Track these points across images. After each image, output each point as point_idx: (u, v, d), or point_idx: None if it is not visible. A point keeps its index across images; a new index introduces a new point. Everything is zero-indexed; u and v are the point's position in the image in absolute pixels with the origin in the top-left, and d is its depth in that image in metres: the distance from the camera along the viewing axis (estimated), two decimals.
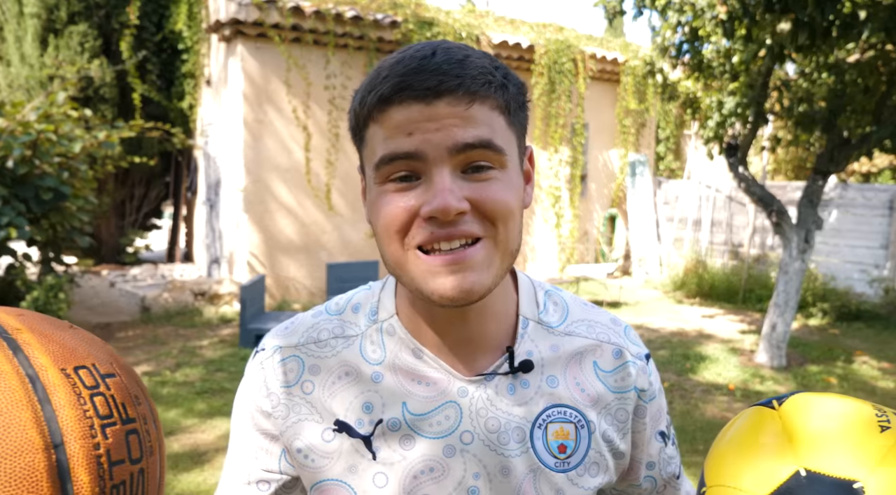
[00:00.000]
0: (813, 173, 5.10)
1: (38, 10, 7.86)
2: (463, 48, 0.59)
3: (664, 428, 0.77)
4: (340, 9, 6.83)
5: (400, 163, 0.57)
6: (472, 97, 0.56)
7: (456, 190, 0.56)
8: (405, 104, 0.56)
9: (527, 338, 0.69)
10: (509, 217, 0.59)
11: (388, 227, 0.59)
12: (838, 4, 3.50)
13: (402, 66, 0.57)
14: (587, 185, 9.37)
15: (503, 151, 0.59)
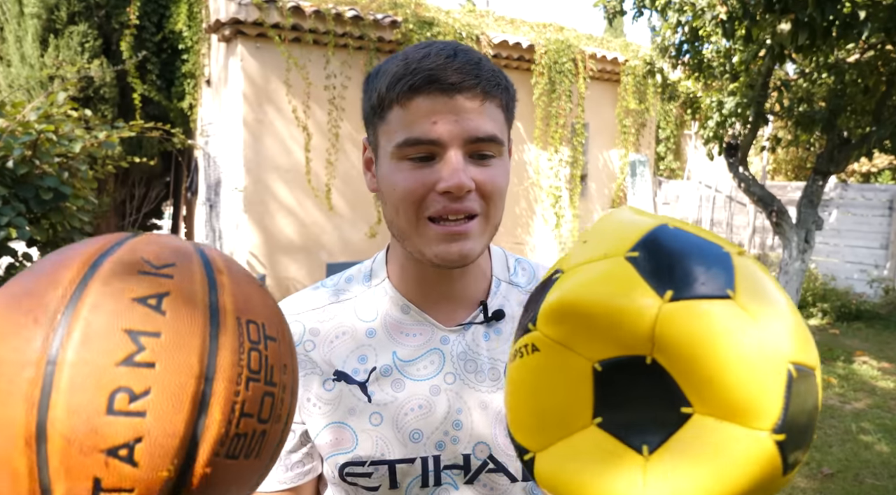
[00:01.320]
0: (813, 173, 5.10)
1: (39, 11, 7.86)
2: (474, 52, 0.70)
3: None
4: (340, 9, 6.83)
5: (422, 146, 0.67)
6: (486, 96, 0.68)
7: (466, 171, 0.67)
8: (431, 95, 0.66)
9: (499, 295, 0.82)
10: (500, 197, 0.71)
11: (405, 198, 0.69)
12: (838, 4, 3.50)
13: (429, 61, 0.66)
14: (587, 185, 9.36)
15: (503, 143, 0.71)
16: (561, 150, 8.72)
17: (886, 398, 4.52)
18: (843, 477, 3.34)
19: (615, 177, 9.64)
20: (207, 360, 0.42)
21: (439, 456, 0.77)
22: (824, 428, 3.97)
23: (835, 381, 4.81)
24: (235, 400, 0.43)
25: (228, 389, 0.42)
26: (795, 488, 3.21)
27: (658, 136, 10.99)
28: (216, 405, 0.42)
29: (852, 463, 3.50)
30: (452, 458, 0.77)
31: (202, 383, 0.41)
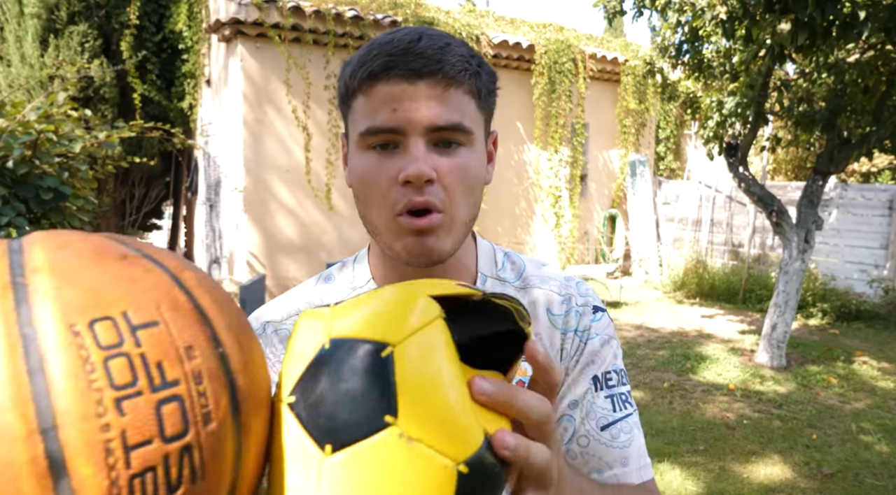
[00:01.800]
0: (813, 173, 5.10)
1: (39, 10, 7.86)
2: (444, 36, 0.66)
3: (599, 374, 0.76)
4: (340, 9, 6.83)
5: (383, 135, 0.65)
6: (450, 82, 0.64)
7: (428, 159, 0.64)
8: (391, 82, 0.63)
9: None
10: (471, 188, 0.68)
11: (370, 190, 0.67)
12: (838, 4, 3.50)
13: (391, 46, 0.64)
14: (587, 185, 9.36)
15: (471, 131, 0.66)
16: (561, 150, 8.72)
17: (886, 398, 4.52)
18: (843, 477, 3.35)
19: (615, 177, 9.64)
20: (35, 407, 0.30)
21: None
22: (824, 428, 3.97)
23: (835, 381, 4.81)
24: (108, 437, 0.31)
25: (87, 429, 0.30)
26: (795, 488, 3.21)
27: (658, 136, 10.99)
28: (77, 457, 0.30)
29: (852, 463, 3.50)
30: None
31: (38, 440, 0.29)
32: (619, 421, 0.75)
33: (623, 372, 0.79)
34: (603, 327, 0.78)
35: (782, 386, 4.75)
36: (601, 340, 0.77)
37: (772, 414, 4.21)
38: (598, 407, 0.75)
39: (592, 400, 0.75)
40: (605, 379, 0.76)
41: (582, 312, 0.78)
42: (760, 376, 4.91)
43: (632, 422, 0.76)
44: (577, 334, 0.77)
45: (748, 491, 3.19)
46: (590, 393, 0.75)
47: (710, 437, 3.80)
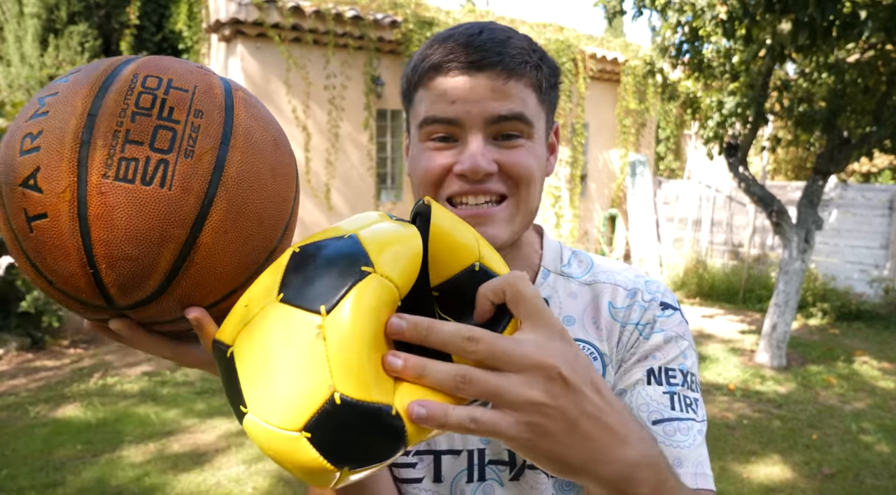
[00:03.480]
0: (813, 173, 5.10)
1: (39, 10, 7.86)
2: (506, 30, 0.66)
3: (656, 368, 0.72)
4: (340, 9, 6.83)
5: (440, 126, 0.65)
6: (510, 74, 0.63)
7: (487, 153, 0.64)
8: (451, 74, 0.63)
9: (546, 286, 0.77)
10: (531, 180, 0.67)
11: (425, 179, 0.67)
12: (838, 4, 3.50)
13: (451, 40, 0.64)
14: (587, 185, 9.37)
15: (532, 124, 0.66)
16: (561, 150, 8.72)
17: (886, 398, 4.52)
18: (843, 477, 3.35)
19: (615, 177, 9.64)
20: (93, 102, 0.48)
21: (484, 449, 0.74)
22: (824, 428, 3.97)
23: (835, 381, 4.81)
24: (118, 130, 0.47)
25: (109, 121, 0.47)
26: (795, 488, 3.21)
27: (658, 136, 10.99)
28: (98, 134, 0.47)
29: (852, 463, 3.50)
30: (497, 453, 0.74)
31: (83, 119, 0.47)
32: (676, 420, 0.69)
33: (693, 377, 0.74)
34: (672, 324, 0.75)
35: (782, 386, 4.75)
36: (666, 336, 0.74)
37: (772, 414, 4.21)
38: (652, 401, 0.70)
39: (645, 393, 0.71)
40: (666, 375, 0.72)
41: (647, 307, 0.75)
42: (760, 376, 4.91)
43: (694, 429, 0.70)
44: (638, 327, 0.74)
45: (748, 491, 3.19)
46: (641, 385, 0.71)
47: (710, 437, 3.80)
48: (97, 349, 5.32)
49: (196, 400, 4.17)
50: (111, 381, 4.52)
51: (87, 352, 5.24)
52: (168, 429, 3.71)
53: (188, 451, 3.44)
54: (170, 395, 4.26)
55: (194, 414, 3.94)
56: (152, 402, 4.13)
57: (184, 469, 3.24)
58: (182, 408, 4.03)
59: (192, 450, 3.45)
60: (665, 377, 0.72)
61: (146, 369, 4.80)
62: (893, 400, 4.50)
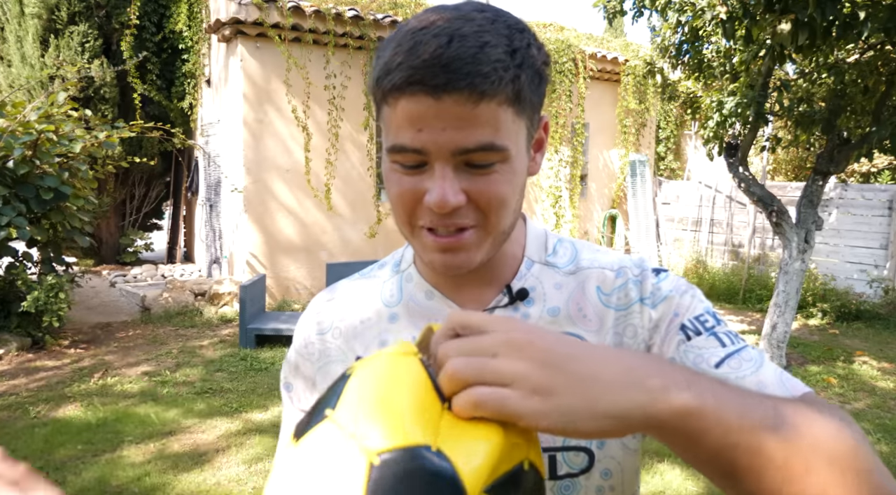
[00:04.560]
0: (813, 173, 5.10)
1: (39, 11, 7.86)
2: (479, 35, 0.58)
3: (687, 321, 0.69)
4: (340, 9, 6.83)
5: (409, 155, 0.61)
6: (480, 96, 0.57)
7: (455, 184, 0.61)
8: (416, 97, 0.58)
9: (529, 276, 0.75)
10: (502, 207, 0.64)
11: (397, 205, 0.65)
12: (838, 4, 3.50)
13: (414, 55, 0.58)
14: (587, 185, 9.37)
15: (505, 148, 0.61)
16: (561, 150, 8.72)
17: (886, 398, 4.52)
18: None
19: (615, 177, 9.64)
20: None
21: None
22: None
23: (835, 381, 4.81)
24: None
25: None
26: None
27: (658, 136, 10.98)
28: None
29: None
30: None
31: None
32: (734, 353, 0.66)
33: (716, 315, 0.71)
34: (672, 282, 0.73)
35: None
36: (677, 291, 0.71)
37: None
38: (702, 350, 0.66)
39: (692, 347, 0.67)
40: (700, 322, 0.69)
41: (641, 279, 0.73)
42: None
43: (753, 352, 0.67)
44: (645, 302, 0.71)
45: None
46: (683, 344, 0.68)
47: None
48: (97, 349, 5.32)
49: (196, 401, 4.17)
50: (111, 381, 4.52)
51: (88, 352, 5.24)
52: (168, 429, 3.71)
53: (188, 451, 3.44)
54: (170, 395, 4.26)
55: (194, 414, 3.94)
56: (152, 402, 4.13)
57: (184, 469, 3.24)
58: (182, 408, 4.03)
59: (192, 450, 3.45)
60: (700, 324, 0.69)
61: (146, 369, 4.80)
62: (893, 400, 4.50)
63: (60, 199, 5.17)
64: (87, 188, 5.64)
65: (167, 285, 7.10)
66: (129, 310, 6.74)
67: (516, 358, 0.44)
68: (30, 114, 5.18)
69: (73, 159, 5.39)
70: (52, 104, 5.41)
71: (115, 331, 5.94)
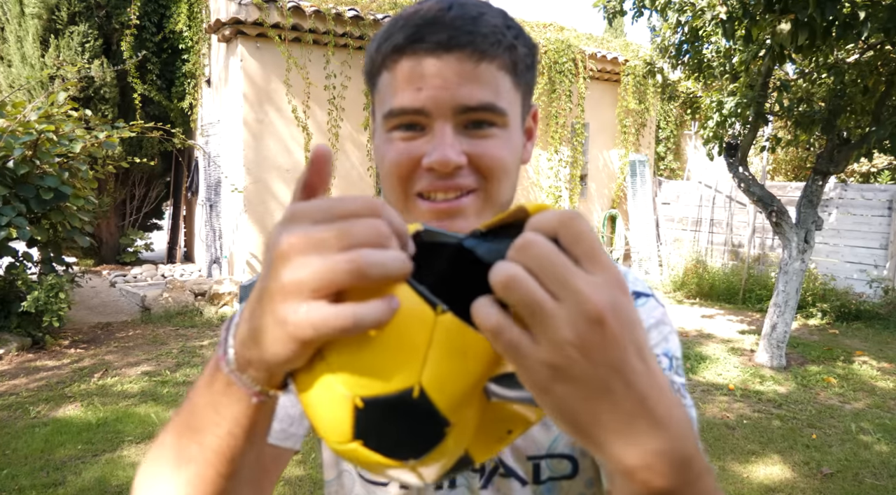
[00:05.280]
0: (813, 173, 5.10)
1: (40, 11, 7.87)
2: (479, 5, 0.60)
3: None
4: (340, 9, 6.83)
5: (406, 116, 0.60)
6: (481, 56, 0.58)
7: (456, 144, 0.59)
8: (417, 56, 0.58)
9: None
10: (503, 173, 0.62)
11: (392, 173, 0.62)
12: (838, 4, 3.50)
13: (418, 16, 0.58)
14: (587, 185, 9.37)
15: (505, 112, 0.60)
16: (561, 150, 8.72)
17: (886, 398, 4.52)
18: (843, 477, 3.35)
19: (615, 177, 9.64)
20: None
21: None
22: (824, 428, 3.97)
23: (835, 381, 4.82)
24: None
25: None
26: (795, 488, 3.21)
27: (658, 136, 10.99)
28: None
29: (852, 463, 3.51)
30: None
31: None
32: None
33: (678, 361, 0.69)
34: (648, 311, 0.70)
35: (782, 386, 4.75)
36: (646, 321, 0.69)
37: (772, 414, 4.21)
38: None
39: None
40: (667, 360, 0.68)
41: None
42: (760, 376, 4.91)
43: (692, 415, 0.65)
44: None
45: (748, 491, 3.19)
46: None
47: (710, 437, 3.80)
48: (97, 349, 5.32)
49: None
50: (111, 381, 4.52)
51: (88, 352, 5.24)
52: None
53: None
54: (170, 395, 4.26)
55: None
56: (152, 402, 4.14)
57: None
58: None
59: None
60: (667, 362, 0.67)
61: (146, 369, 4.80)
62: (893, 400, 4.51)
63: (60, 199, 5.17)
64: (87, 188, 5.64)
65: (167, 285, 7.10)
66: (129, 310, 6.74)
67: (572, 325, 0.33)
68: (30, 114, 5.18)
69: (73, 159, 5.39)
70: (52, 104, 5.41)
71: (115, 331, 5.94)
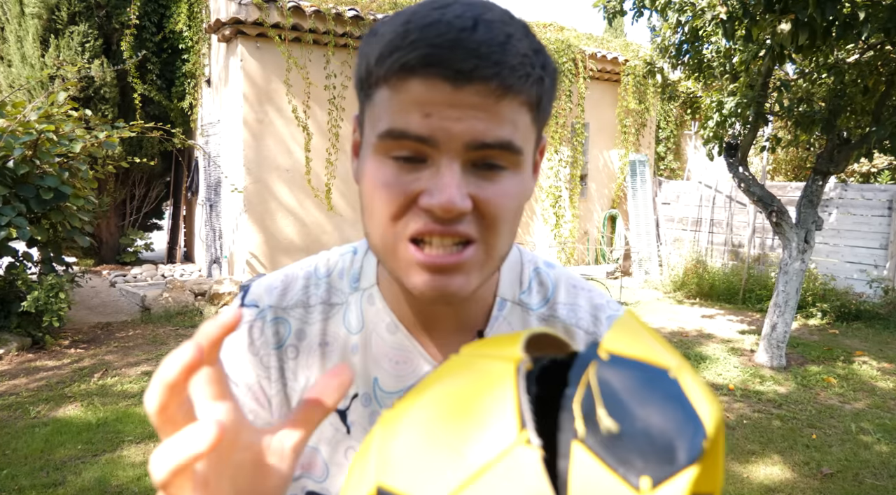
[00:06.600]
0: (813, 173, 5.10)
1: (40, 11, 7.87)
2: (504, 23, 0.50)
3: None
4: (340, 9, 6.83)
5: (408, 142, 0.50)
6: (506, 91, 0.49)
7: (462, 186, 0.50)
8: (430, 81, 0.48)
9: (502, 320, 0.66)
10: (506, 224, 0.54)
11: (381, 209, 0.54)
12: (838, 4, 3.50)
13: (435, 33, 0.48)
14: (587, 185, 9.37)
15: (521, 152, 0.52)
16: (561, 150, 8.72)
17: (886, 398, 4.52)
18: (843, 477, 3.35)
19: (615, 177, 9.64)
20: None
21: None
22: (824, 428, 3.97)
23: (835, 381, 4.82)
24: None
25: None
26: (795, 488, 3.22)
27: (658, 136, 10.99)
28: None
29: (852, 463, 3.51)
30: None
31: None
32: None
33: None
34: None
35: (782, 386, 4.75)
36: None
37: (772, 414, 4.21)
38: None
39: None
40: None
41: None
42: (760, 376, 4.91)
43: None
44: None
45: (748, 491, 3.19)
46: None
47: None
48: (97, 349, 5.32)
49: None
50: (111, 381, 4.52)
51: (88, 352, 5.24)
52: None
53: None
54: None
55: None
56: None
57: None
58: None
59: None
60: None
61: (146, 369, 4.80)
62: (893, 400, 4.51)
63: (60, 199, 5.17)
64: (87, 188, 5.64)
65: (167, 285, 7.10)
66: (129, 310, 6.74)
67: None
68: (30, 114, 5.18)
69: (73, 159, 5.39)
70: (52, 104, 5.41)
71: (115, 330, 5.94)
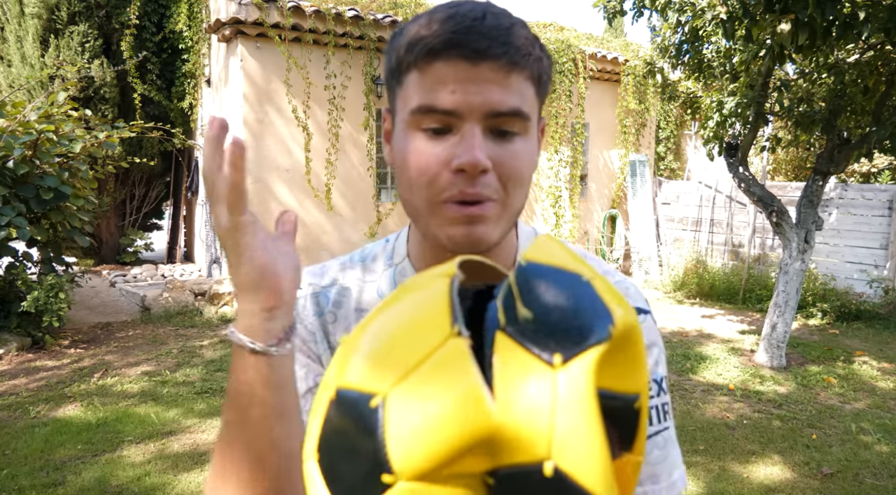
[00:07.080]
0: (813, 173, 5.10)
1: (39, 11, 7.86)
2: (508, 15, 0.62)
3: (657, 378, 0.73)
4: (340, 8, 6.83)
5: (437, 116, 0.61)
6: (513, 66, 0.60)
7: (483, 148, 0.61)
8: (452, 61, 0.59)
9: None
10: (521, 180, 0.64)
11: (418, 175, 0.63)
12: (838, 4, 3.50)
13: (453, 23, 0.59)
14: (587, 185, 9.37)
15: (528, 118, 0.63)
16: (561, 150, 8.72)
17: (886, 398, 4.52)
18: (843, 477, 3.35)
19: (615, 177, 9.64)
20: None
21: None
22: (824, 428, 3.97)
23: (835, 381, 4.81)
24: None
25: None
26: (795, 488, 3.21)
27: (658, 136, 10.98)
28: None
29: (852, 463, 3.50)
30: None
31: None
32: (653, 435, 0.70)
33: (664, 380, 0.73)
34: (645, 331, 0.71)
35: (782, 386, 4.75)
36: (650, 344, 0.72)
37: (772, 414, 4.21)
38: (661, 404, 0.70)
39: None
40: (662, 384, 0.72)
41: None
42: (760, 376, 4.91)
43: (667, 437, 0.72)
44: None
45: (748, 491, 3.19)
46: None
47: (710, 437, 3.80)
48: (97, 349, 5.32)
49: (196, 400, 4.17)
50: (111, 381, 4.52)
51: (87, 352, 5.24)
52: (168, 429, 3.71)
53: (188, 451, 3.44)
54: (170, 395, 4.26)
55: (194, 414, 3.94)
56: (152, 402, 4.14)
57: (184, 469, 3.24)
58: (182, 408, 4.03)
59: (192, 450, 3.45)
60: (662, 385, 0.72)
61: (146, 369, 4.80)
62: (893, 400, 4.50)
63: (60, 199, 5.17)
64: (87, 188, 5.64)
65: (167, 285, 7.10)
66: (129, 310, 6.74)
67: None
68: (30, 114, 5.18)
69: (73, 159, 5.39)
70: (52, 104, 5.41)
71: (115, 330, 5.94)
